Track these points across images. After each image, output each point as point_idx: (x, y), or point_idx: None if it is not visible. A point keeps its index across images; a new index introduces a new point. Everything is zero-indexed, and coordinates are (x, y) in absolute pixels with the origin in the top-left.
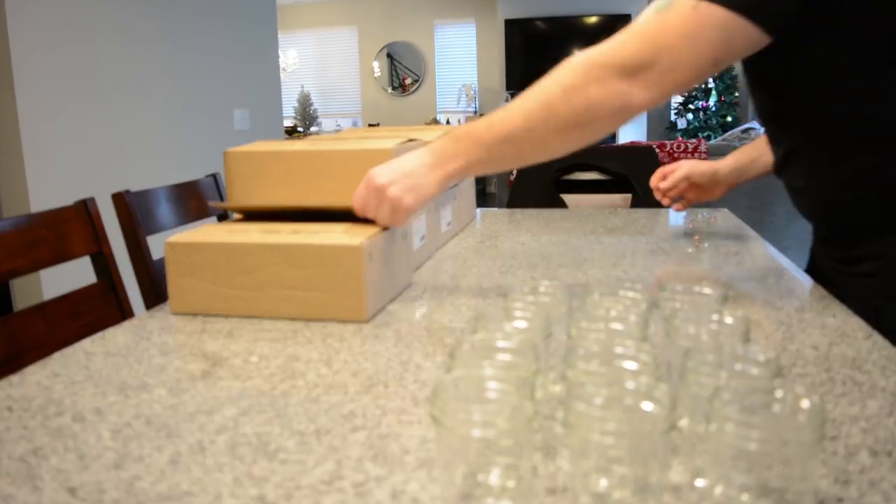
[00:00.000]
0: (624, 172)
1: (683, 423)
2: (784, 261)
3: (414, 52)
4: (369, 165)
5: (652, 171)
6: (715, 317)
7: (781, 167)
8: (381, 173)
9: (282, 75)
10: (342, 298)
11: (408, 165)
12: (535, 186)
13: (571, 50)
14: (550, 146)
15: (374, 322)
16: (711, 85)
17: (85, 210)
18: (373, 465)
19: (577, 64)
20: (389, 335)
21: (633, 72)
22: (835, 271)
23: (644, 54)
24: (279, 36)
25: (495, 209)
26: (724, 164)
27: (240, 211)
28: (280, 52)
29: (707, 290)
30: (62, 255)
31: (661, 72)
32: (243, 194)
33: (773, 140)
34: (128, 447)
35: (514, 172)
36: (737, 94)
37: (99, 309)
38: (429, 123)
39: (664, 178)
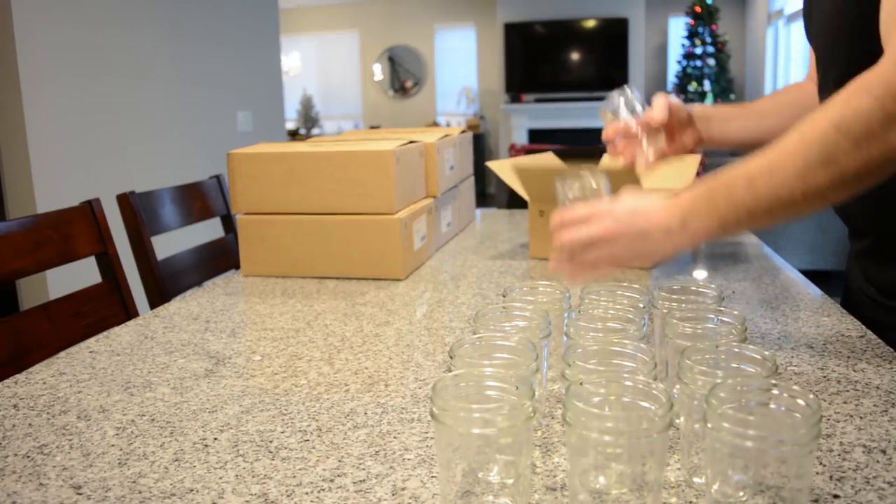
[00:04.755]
0: None
1: (680, 421)
2: (780, 261)
3: (414, 56)
4: (371, 166)
5: None
6: (711, 316)
7: None
8: (617, 216)
9: (284, 78)
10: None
11: (646, 224)
12: None
13: (570, 53)
14: (833, 200)
15: (376, 321)
16: (708, 88)
17: (90, 211)
18: (373, 463)
19: (862, 101)
20: (390, 334)
21: None
22: (872, 302)
23: None
24: (281, 39)
25: (495, 209)
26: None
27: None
28: (282, 56)
29: (704, 290)
30: (67, 256)
31: None
32: (246, 195)
33: None
34: (132, 445)
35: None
36: (732, 96)
37: (103, 309)
38: (429, 125)
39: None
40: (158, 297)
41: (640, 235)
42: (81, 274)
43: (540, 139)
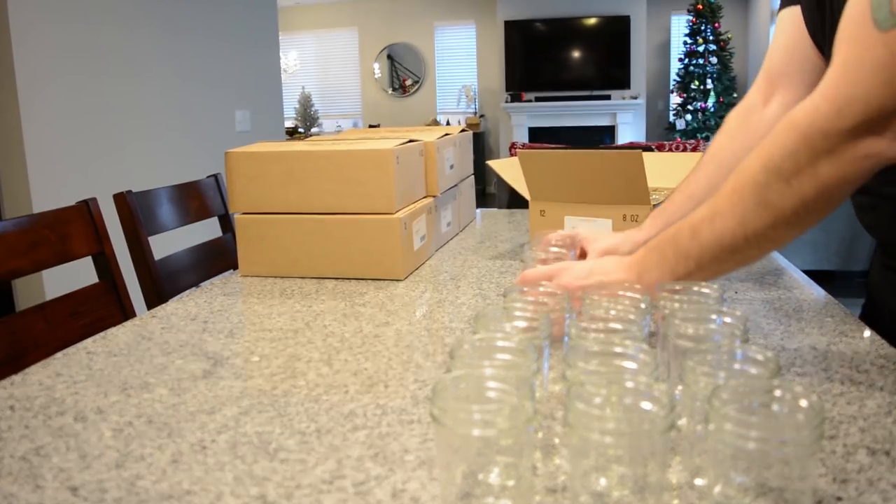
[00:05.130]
0: None
1: (682, 422)
2: (782, 261)
3: (414, 54)
4: (370, 166)
5: None
6: (714, 316)
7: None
8: (575, 273)
9: (283, 77)
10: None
11: (603, 278)
12: None
13: (571, 51)
14: (779, 241)
15: (375, 321)
16: (710, 86)
17: (87, 210)
18: (373, 465)
19: (788, 138)
20: (390, 335)
21: (876, 124)
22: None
23: (889, 96)
24: (280, 38)
25: (495, 209)
26: (637, 245)
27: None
28: (281, 54)
29: (706, 290)
30: (64, 256)
31: None
32: (244, 195)
33: None
34: (129, 446)
35: None
36: (735, 94)
37: (100, 309)
38: (429, 124)
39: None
40: (156, 297)
41: (597, 289)
42: (78, 274)
43: (541, 138)
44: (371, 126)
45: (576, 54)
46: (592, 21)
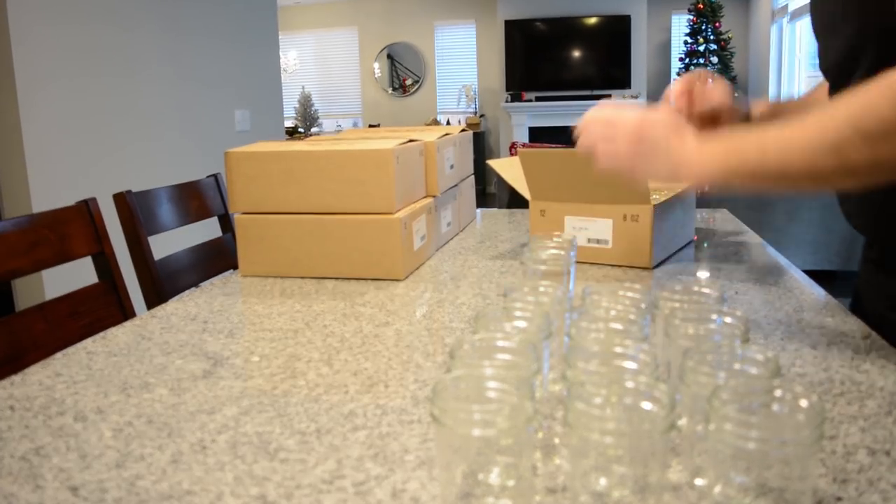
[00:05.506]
0: None
1: (683, 422)
2: (783, 261)
3: (414, 53)
4: (370, 166)
5: None
6: (714, 316)
7: None
8: (626, 118)
9: (282, 76)
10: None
11: (661, 133)
12: None
13: (571, 50)
14: (838, 186)
15: (375, 321)
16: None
17: (86, 210)
18: (373, 465)
19: (884, 101)
20: (390, 335)
21: None
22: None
23: None
24: (280, 37)
25: (495, 209)
26: (756, 113)
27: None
28: (281, 54)
29: (706, 290)
30: (64, 256)
31: None
32: (244, 194)
33: None
34: (129, 446)
35: None
36: (735, 94)
37: (100, 309)
38: (429, 124)
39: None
40: (156, 297)
41: (649, 142)
42: (78, 274)
43: (541, 138)
44: (371, 126)
45: (576, 54)
46: (593, 20)
